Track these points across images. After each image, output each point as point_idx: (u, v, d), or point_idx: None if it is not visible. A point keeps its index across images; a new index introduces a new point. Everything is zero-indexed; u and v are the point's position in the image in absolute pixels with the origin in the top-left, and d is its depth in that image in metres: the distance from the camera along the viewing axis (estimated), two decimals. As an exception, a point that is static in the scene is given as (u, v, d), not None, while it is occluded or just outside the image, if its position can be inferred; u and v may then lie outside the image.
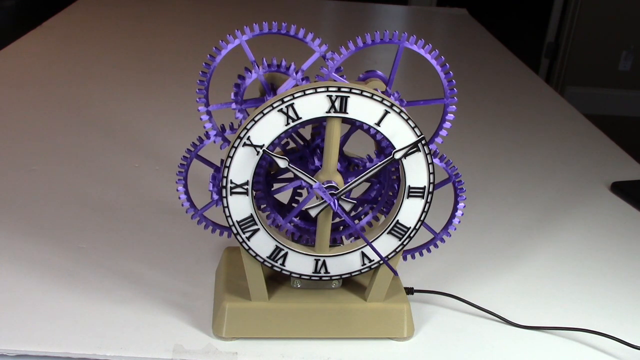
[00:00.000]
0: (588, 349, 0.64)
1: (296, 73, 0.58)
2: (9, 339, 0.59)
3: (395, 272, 0.60)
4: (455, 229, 0.64)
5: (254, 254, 0.59)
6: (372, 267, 0.61)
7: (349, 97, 0.54)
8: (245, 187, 0.56)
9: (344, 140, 0.61)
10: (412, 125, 0.55)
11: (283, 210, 0.63)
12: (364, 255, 0.60)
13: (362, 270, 0.61)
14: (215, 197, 0.59)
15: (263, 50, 0.65)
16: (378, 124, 0.55)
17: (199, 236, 0.75)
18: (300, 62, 0.59)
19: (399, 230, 0.59)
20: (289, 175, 0.62)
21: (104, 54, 1.42)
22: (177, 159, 0.63)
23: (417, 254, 0.65)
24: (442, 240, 0.64)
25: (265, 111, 0.54)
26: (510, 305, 0.69)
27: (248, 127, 0.54)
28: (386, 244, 0.59)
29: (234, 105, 0.59)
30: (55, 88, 1.20)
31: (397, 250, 0.60)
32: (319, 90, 0.54)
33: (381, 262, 0.60)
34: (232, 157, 0.55)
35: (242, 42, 0.57)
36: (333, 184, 0.56)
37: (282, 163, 0.55)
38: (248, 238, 0.58)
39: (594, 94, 3.45)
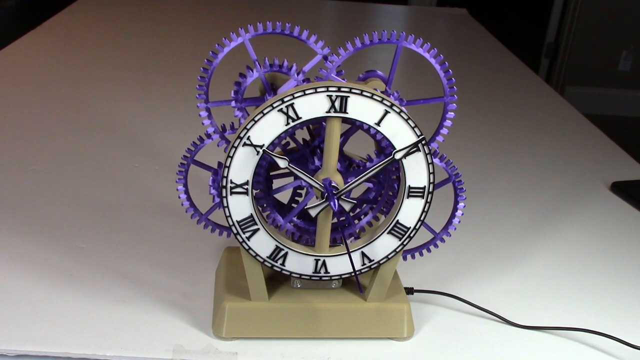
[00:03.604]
0: (588, 349, 0.64)
1: (297, 74, 0.58)
2: (9, 339, 0.59)
3: (361, 290, 0.61)
4: (455, 229, 0.64)
5: (254, 254, 0.59)
6: (372, 267, 0.61)
7: (348, 97, 0.54)
8: (245, 187, 0.56)
9: (344, 140, 0.61)
10: (412, 125, 0.55)
11: (283, 210, 0.63)
12: (364, 255, 0.60)
13: (362, 270, 0.61)
14: (218, 199, 0.59)
15: (265, 51, 0.65)
16: (378, 123, 0.55)
17: (199, 236, 0.75)
18: (302, 63, 0.59)
19: (399, 230, 0.59)
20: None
21: (104, 54, 1.42)
22: (177, 159, 0.63)
23: (417, 254, 0.65)
24: (442, 240, 0.64)
25: (265, 111, 0.54)
26: (510, 305, 0.69)
27: (248, 127, 0.54)
28: (386, 244, 0.60)
29: (233, 103, 0.59)
30: (55, 88, 1.20)
31: (397, 250, 0.60)
32: (319, 90, 0.54)
33: (381, 262, 0.60)
34: (232, 157, 0.55)
35: (245, 41, 0.58)
36: (333, 184, 0.56)
37: (282, 163, 0.55)
38: (248, 238, 0.58)
39: (594, 94, 3.46)
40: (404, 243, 0.60)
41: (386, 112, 0.55)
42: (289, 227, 0.61)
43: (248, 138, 0.55)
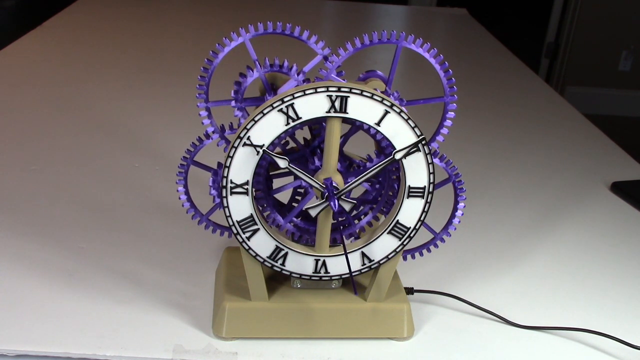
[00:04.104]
0: (588, 349, 0.64)
1: (298, 74, 0.58)
2: (9, 339, 0.59)
3: (355, 292, 0.60)
4: (455, 229, 0.64)
5: (254, 254, 0.59)
6: (372, 267, 0.61)
7: (349, 97, 0.54)
8: (245, 187, 0.56)
9: (344, 140, 0.61)
10: (412, 125, 0.55)
11: (283, 210, 0.63)
12: (364, 255, 0.60)
13: (362, 270, 0.61)
14: (218, 200, 0.59)
15: (265, 51, 0.65)
16: (378, 123, 0.55)
17: (199, 236, 0.75)
18: (302, 63, 0.59)
19: (399, 230, 0.59)
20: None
21: (104, 54, 1.42)
22: (177, 159, 0.63)
23: (417, 254, 0.65)
24: (442, 240, 0.64)
25: (265, 111, 0.54)
26: (510, 305, 0.69)
27: (248, 127, 0.54)
28: (386, 244, 0.59)
29: (233, 103, 0.59)
30: (55, 88, 1.20)
31: (397, 250, 0.60)
32: (319, 90, 0.54)
33: (381, 262, 0.60)
34: (232, 157, 0.55)
35: (246, 40, 0.58)
36: (334, 184, 0.56)
37: (282, 163, 0.55)
38: (248, 238, 0.58)
39: (594, 94, 3.46)
40: (404, 243, 0.60)
41: (386, 112, 0.55)
42: (289, 227, 0.61)
43: (248, 138, 0.55)
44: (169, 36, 1.61)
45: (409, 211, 0.58)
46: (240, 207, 0.57)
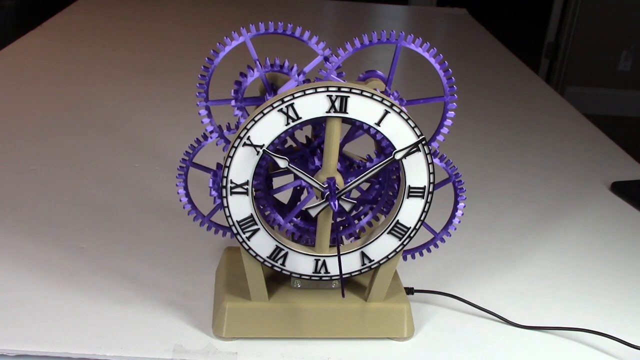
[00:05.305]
0: (588, 349, 0.64)
1: (298, 75, 0.58)
2: (9, 339, 0.59)
3: (343, 295, 0.60)
4: (455, 229, 0.64)
5: (254, 254, 0.59)
6: (372, 267, 0.61)
7: (349, 97, 0.54)
8: (245, 187, 0.56)
9: (343, 142, 0.61)
10: (412, 125, 0.55)
11: (283, 210, 0.63)
12: (364, 255, 0.60)
13: (362, 270, 0.61)
14: (219, 201, 0.59)
15: (266, 50, 0.65)
16: (378, 123, 0.55)
17: (199, 236, 0.75)
18: (302, 64, 0.59)
19: (399, 230, 0.59)
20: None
21: (104, 54, 1.42)
22: (177, 158, 0.63)
23: (417, 254, 0.65)
24: (442, 240, 0.64)
25: (265, 111, 0.54)
26: (510, 305, 0.69)
27: (248, 127, 0.54)
28: (386, 244, 0.59)
29: (233, 103, 0.59)
30: (55, 88, 1.20)
31: (397, 250, 0.60)
32: (319, 90, 0.54)
33: (381, 262, 0.60)
34: (232, 157, 0.55)
35: (247, 40, 0.58)
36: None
37: (282, 163, 0.55)
38: (248, 238, 0.58)
39: (594, 94, 3.46)
40: (404, 243, 0.60)
41: (386, 112, 0.55)
42: (289, 227, 0.61)
43: (248, 138, 0.55)
44: (169, 36, 1.61)
45: (409, 211, 0.58)
46: (240, 207, 0.57)
